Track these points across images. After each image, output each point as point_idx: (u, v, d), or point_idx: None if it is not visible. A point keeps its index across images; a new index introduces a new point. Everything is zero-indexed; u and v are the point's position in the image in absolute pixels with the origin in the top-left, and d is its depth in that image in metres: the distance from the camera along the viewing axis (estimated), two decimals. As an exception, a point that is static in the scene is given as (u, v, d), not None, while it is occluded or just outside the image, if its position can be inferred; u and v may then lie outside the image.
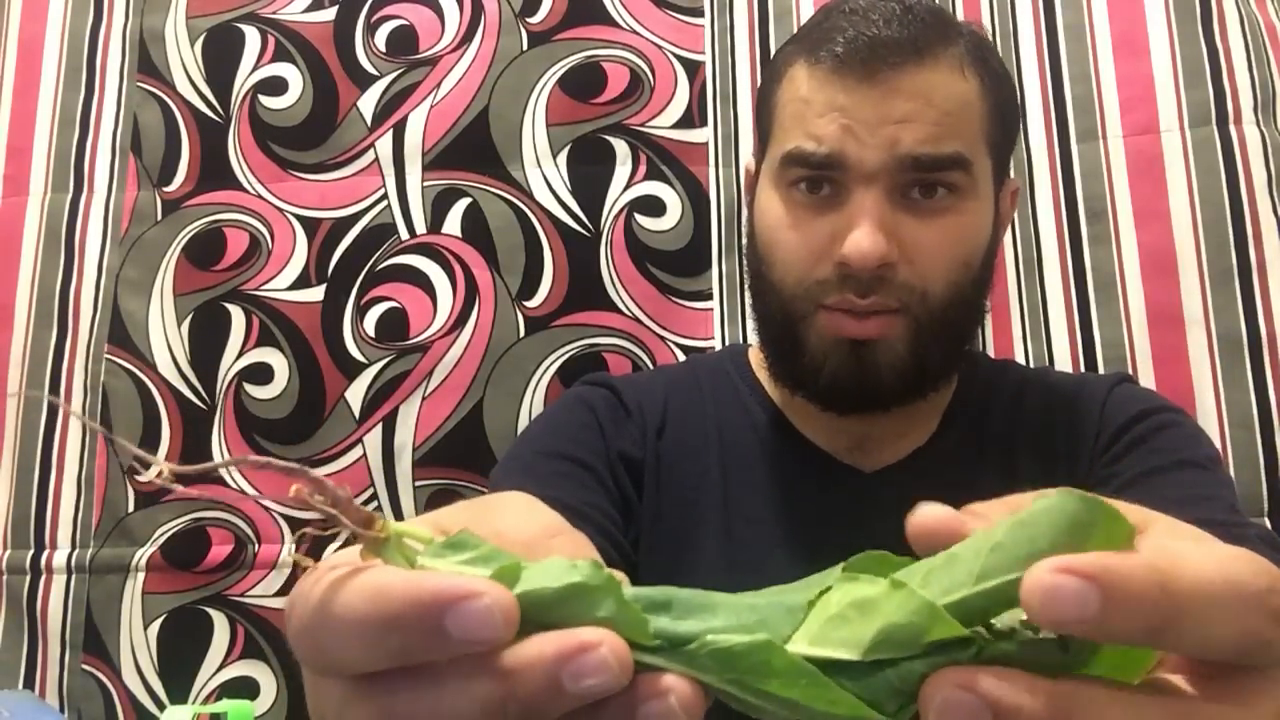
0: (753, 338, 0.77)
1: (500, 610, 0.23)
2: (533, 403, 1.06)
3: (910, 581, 0.24)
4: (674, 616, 0.25)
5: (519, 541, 0.29)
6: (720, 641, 0.24)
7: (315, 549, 0.95)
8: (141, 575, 1.04)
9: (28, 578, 1.05)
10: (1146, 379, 1.00)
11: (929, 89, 0.65)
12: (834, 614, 0.25)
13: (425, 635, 0.23)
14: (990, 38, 0.75)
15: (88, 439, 1.08)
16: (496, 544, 0.27)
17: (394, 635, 0.23)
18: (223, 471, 1.05)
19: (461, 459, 1.05)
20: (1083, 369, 1.02)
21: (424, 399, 1.06)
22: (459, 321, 1.07)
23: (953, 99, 0.66)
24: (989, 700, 0.22)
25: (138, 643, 1.03)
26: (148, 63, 1.16)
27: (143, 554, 1.04)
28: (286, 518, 1.05)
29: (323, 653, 0.25)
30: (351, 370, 1.07)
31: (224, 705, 0.94)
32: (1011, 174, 1.06)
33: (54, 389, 1.09)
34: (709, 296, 1.08)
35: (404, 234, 1.09)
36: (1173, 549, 0.24)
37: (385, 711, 0.25)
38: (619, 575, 0.26)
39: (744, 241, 0.87)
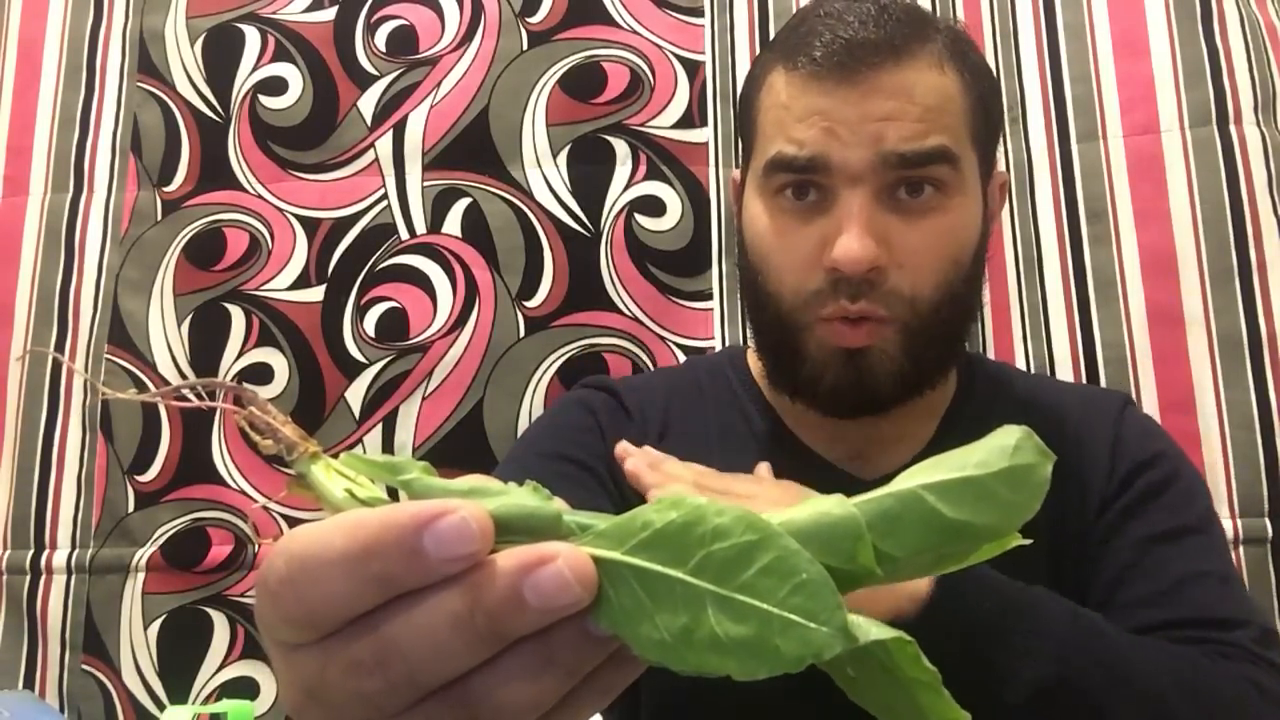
0: (752, 339, 0.77)
1: (476, 522, 0.23)
2: (533, 403, 1.06)
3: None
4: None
5: None
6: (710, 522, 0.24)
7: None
8: (141, 575, 1.04)
9: (28, 578, 1.05)
10: (1146, 379, 1.00)
11: (909, 86, 0.65)
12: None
13: (404, 557, 0.23)
14: (973, 35, 0.75)
15: (87, 439, 1.08)
16: None
17: (374, 562, 0.23)
18: (223, 473, 1.06)
19: (461, 459, 1.04)
20: (1083, 369, 1.02)
21: (424, 399, 1.06)
22: (459, 321, 1.07)
23: (933, 94, 0.66)
24: None
25: (138, 643, 1.03)
26: (148, 63, 1.16)
27: (143, 554, 1.04)
28: (286, 517, 1.05)
29: (302, 601, 0.24)
30: (351, 370, 1.07)
31: (224, 705, 0.94)
32: (1006, 170, 1.06)
33: (54, 389, 1.09)
34: (709, 296, 1.08)
35: (404, 234, 1.09)
36: None
37: (366, 649, 0.24)
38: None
39: (736, 250, 0.87)
